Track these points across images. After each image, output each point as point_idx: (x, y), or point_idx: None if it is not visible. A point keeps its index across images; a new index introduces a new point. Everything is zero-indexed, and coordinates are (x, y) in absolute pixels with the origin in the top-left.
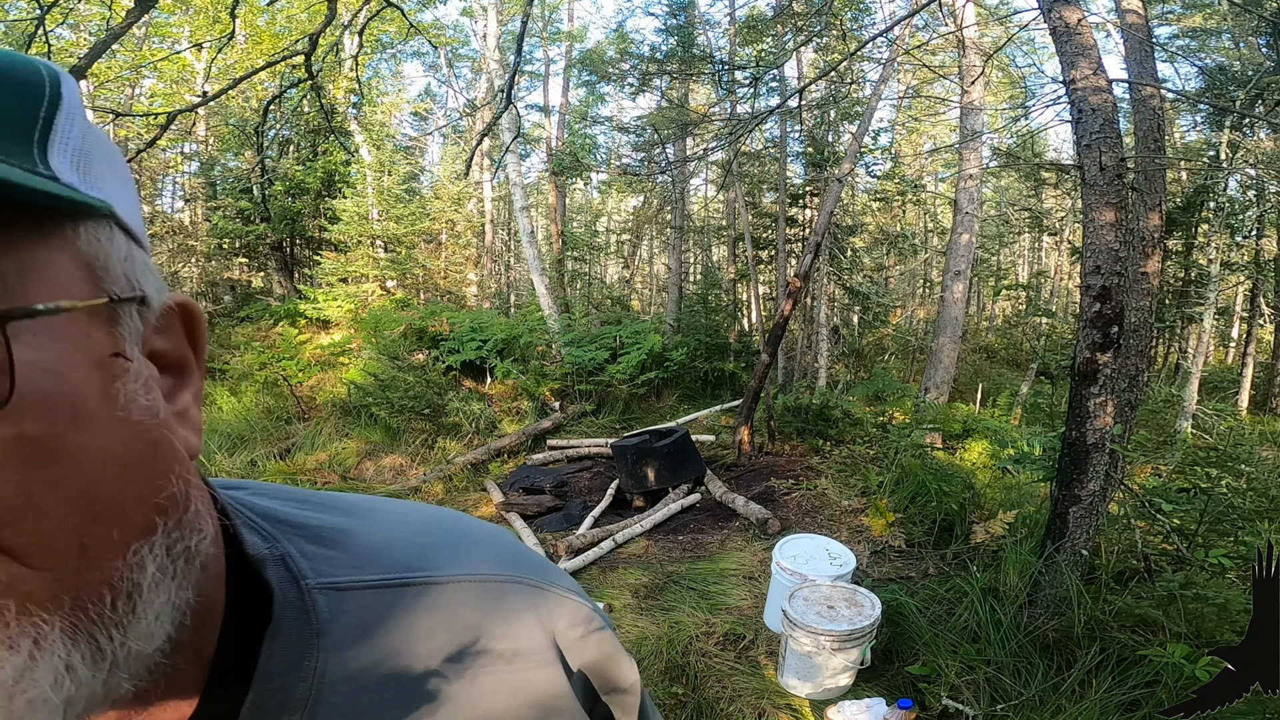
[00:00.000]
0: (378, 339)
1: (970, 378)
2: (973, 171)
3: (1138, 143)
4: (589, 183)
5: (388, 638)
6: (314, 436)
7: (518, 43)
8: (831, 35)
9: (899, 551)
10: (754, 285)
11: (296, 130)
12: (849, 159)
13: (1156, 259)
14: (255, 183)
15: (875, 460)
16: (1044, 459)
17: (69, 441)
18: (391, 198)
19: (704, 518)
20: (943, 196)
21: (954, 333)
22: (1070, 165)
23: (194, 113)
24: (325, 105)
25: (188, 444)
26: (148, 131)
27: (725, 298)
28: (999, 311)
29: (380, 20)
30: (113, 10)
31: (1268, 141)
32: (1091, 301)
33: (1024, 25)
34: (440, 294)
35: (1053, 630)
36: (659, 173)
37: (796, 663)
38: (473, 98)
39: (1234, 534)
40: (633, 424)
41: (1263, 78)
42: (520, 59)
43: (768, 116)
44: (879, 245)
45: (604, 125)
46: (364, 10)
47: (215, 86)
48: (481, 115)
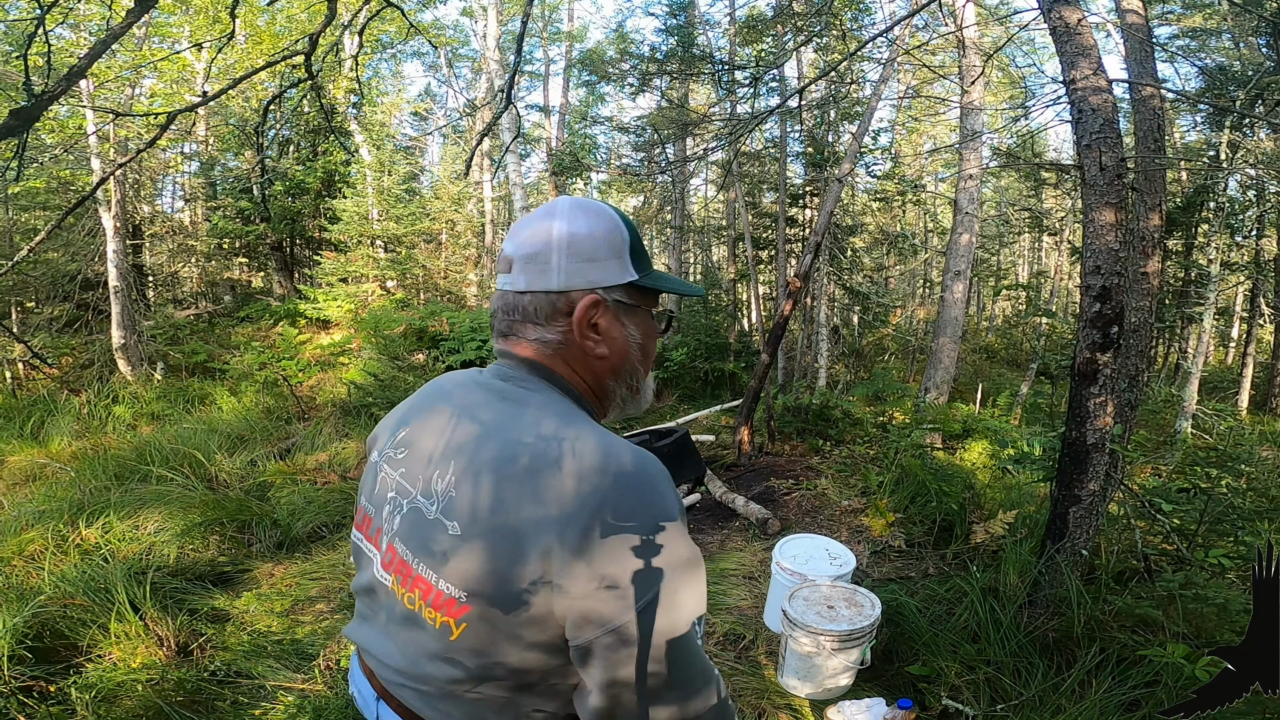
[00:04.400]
0: (378, 339)
1: (970, 378)
2: (973, 171)
3: (1138, 143)
4: (589, 183)
5: None
6: (314, 436)
7: (518, 43)
8: (831, 35)
9: (899, 551)
10: (754, 285)
11: (296, 130)
12: (849, 159)
13: (1156, 259)
14: (255, 183)
15: (875, 460)
16: (1044, 459)
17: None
18: (391, 198)
19: (704, 518)
20: (943, 196)
21: (954, 333)
22: (1070, 165)
23: (194, 113)
24: (325, 105)
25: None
26: (148, 131)
27: (725, 298)
28: (999, 311)
29: (380, 20)
30: (113, 10)
31: (1268, 141)
32: (1091, 301)
33: (1024, 25)
34: (440, 294)
35: (1053, 630)
36: (659, 173)
37: (796, 663)
38: (473, 98)
39: (1234, 534)
40: (633, 424)
41: (1263, 78)
42: (520, 59)
43: (768, 116)
44: (879, 245)
45: (604, 125)
46: (364, 10)
47: (215, 86)
48: (481, 115)
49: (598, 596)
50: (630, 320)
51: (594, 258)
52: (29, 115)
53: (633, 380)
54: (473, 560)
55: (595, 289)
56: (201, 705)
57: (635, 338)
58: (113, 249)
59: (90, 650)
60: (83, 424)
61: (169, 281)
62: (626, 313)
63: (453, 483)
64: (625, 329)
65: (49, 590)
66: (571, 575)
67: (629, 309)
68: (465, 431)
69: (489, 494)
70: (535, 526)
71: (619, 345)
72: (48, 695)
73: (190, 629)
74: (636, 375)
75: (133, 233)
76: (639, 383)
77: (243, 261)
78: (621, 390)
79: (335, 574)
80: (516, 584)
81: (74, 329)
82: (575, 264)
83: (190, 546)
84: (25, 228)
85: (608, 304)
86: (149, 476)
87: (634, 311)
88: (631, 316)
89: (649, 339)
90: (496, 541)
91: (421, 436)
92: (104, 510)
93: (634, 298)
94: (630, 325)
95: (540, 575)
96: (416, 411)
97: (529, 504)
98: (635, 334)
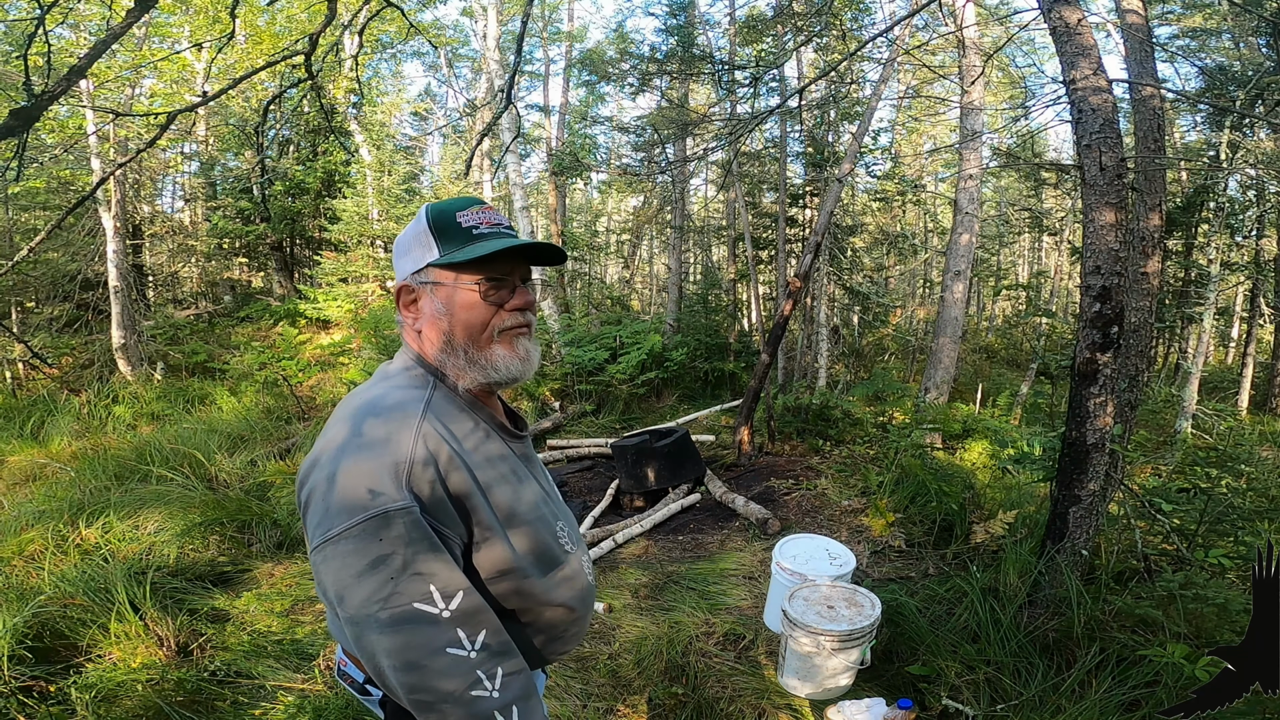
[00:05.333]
0: (378, 339)
1: (970, 378)
2: (973, 171)
3: (1138, 143)
4: (589, 183)
5: None
6: (314, 436)
7: (518, 43)
8: (831, 35)
9: (899, 551)
10: (754, 285)
11: (296, 130)
12: (849, 159)
13: (1156, 259)
14: (255, 183)
15: (875, 460)
16: (1044, 459)
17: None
18: (391, 198)
19: (704, 518)
20: (943, 196)
21: (954, 333)
22: (1070, 165)
23: (194, 113)
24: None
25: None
26: (148, 131)
27: (725, 298)
28: (999, 311)
29: (380, 20)
30: (113, 10)
31: (1268, 141)
32: (1091, 301)
33: (1024, 25)
34: None
35: (1053, 630)
36: (659, 173)
37: (796, 663)
38: (473, 98)
39: (1234, 534)
40: (633, 424)
41: (1263, 78)
42: (520, 59)
43: (768, 116)
44: (879, 245)
45: (604, 125)
46: (364, 10)
47: (215, 86)
48: (481, 115)
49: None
50: (437, 295)
51: (405, 252)
52: (29, 115)
53: (457, 349)
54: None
55: (405, 277)
56: (201, 705)
57: (443, 309)
58: (113, 249)
59: (90, 650)
60: (83, 424)
61: (169, 281)
62: (434, 290)
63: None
64: (434, 303)
65: (49, 590)
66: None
67: (436, 286)
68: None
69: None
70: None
71: (430, 318)
72: (48, 695)
73: (190, 629)
74: (460, 345)
75: (133, 233)
76: (469, 352)
77: (243, 261)
78: (451, 359)
79: None
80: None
81: (74, 329)
82: (397, 261)
83: (190, 546)
84: (25, 228)
85: (416, 286)
86: (149, 476)
87: (439, 288)
88: (438, 292)
89: (463, 309)
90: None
91: None
92: (104, 510)
93: (437, 275)
94: (437, 299)
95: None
96: None
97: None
98: (442, 306)
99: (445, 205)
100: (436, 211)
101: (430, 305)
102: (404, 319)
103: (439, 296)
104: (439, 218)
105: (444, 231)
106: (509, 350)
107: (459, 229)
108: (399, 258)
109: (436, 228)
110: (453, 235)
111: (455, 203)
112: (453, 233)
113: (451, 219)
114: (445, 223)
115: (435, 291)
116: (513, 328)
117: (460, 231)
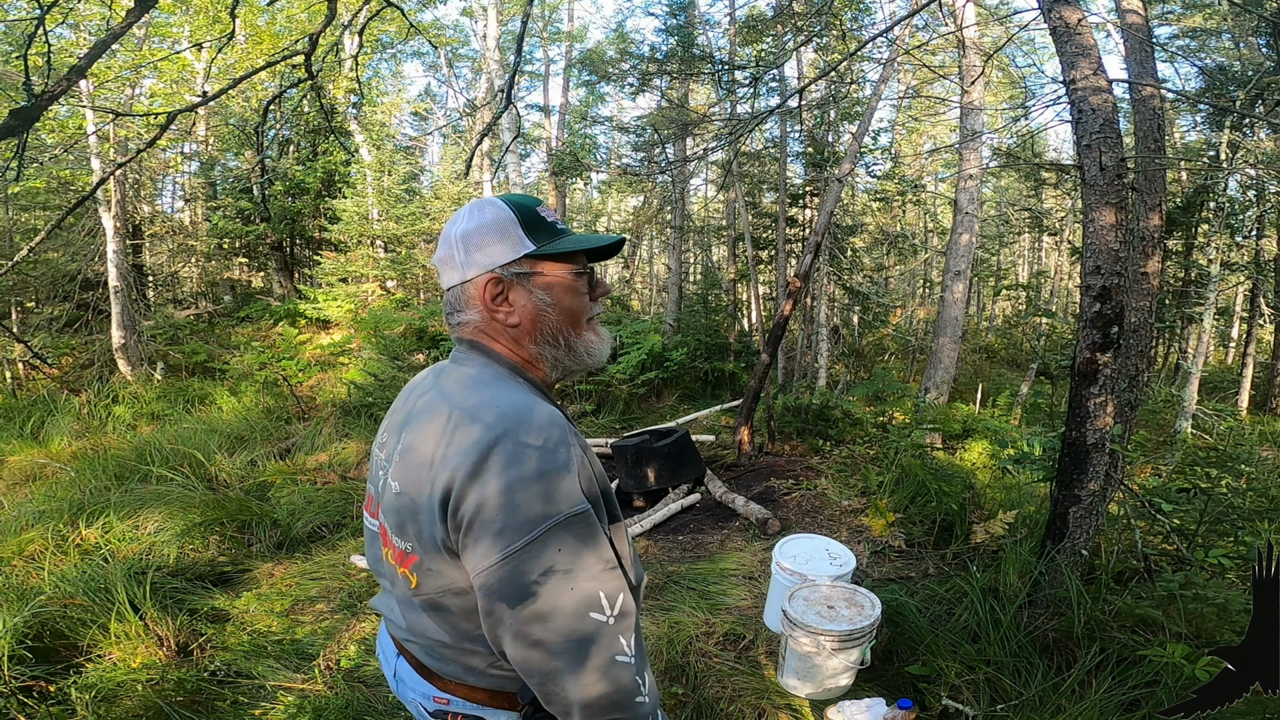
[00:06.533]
0: (378, 339)
1: (970, 378)
2: (973, 171)
3: (1138, 143)
4: (589, 183)
5: None
6: (314, 436)
7: (518, 43)
8: (831, 35)
9: (899, 551)
10: (754, 285)
11: (296, 130)
12: (849, 159)
13: (1156, 259)
14: (255, 183)
15: (875, 460)
16: (1044, 459)
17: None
18: (391, 198)
19: (704, 518)
20: (943, 196)
21: (954, 333)
22: (1070, 165)
23: (194, 113)
24: (325, 105)
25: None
26: (148, 131)
27: (725, 298)
28: (999, 311)
29: (380, 20)
30: (113, 10)
31: (1268, 141)
32: (1091, 301)
33: (1024, 25)
34: (440, 294)
35: (1053, 630)
36: (659, 173)
37: (796, 663)
38: (473, 98)
39: (1234, 534)
40: (633, 424)
41: (1263, 78)
42: (520, 59)
43: (768, 116)
44: (879, 245)
45: (604, 125)
46: (364, 10)
47: (215, 86)
48: (481, 115)
49: (480, 535)
50: (536, 286)
51: (484, 245)
52: (29, 115)
53: (558, 338)
54: (406, 512)
55: (492, 269)
56: (201, 705)
57: (545, 300)
58: (113, 249)
59: (90, 650)
60: (83, 424)
61: (169, 281)
62: (530, 281)
63: (395, 450)
64: (533, 295)
65: (49, 590)
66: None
67: (532, 277)
68: (408, 406)
69: (413, 453)
70: (442, 474)
71: (529, 311)
72: (48, 695)
73: (190, 629)
74: (561, 333)
75: (133, 233)
76: (569, 339)
77: (243, 261)
78: (550, 350)
79: (335, 574)
80: (435, 528)
81: (74, 329)
82: (471, 255)
83: (190, 546)
84: (25, 228)
85: (507, 279)
86: (149, 476)
87: (536, 279)
88: (536, 283)
89: (568, 296)
90: (418, 494)
91: (391, 418)
92: (104, 510)
93: (537, 266)
94: (537, 290)
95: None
96: (398, 399)
97: (440, 457)
98: (545, 297)
99: (523, 200)
100: (518, 205)
101: (527, 297)
102: (485, 313)
103: (539, 286)
104: (524, 212)
105: (532, 225)
106: (597, 335)
107: (544, 223)
108: (472, 251)
109: (526, 222)
110: (540, 228)
111: (528, 199)
112: (539, 226)
113: (535, 213)
114: (532, 216)
115: (534, 282)
116: (597, 314)
117: (546, 225)
